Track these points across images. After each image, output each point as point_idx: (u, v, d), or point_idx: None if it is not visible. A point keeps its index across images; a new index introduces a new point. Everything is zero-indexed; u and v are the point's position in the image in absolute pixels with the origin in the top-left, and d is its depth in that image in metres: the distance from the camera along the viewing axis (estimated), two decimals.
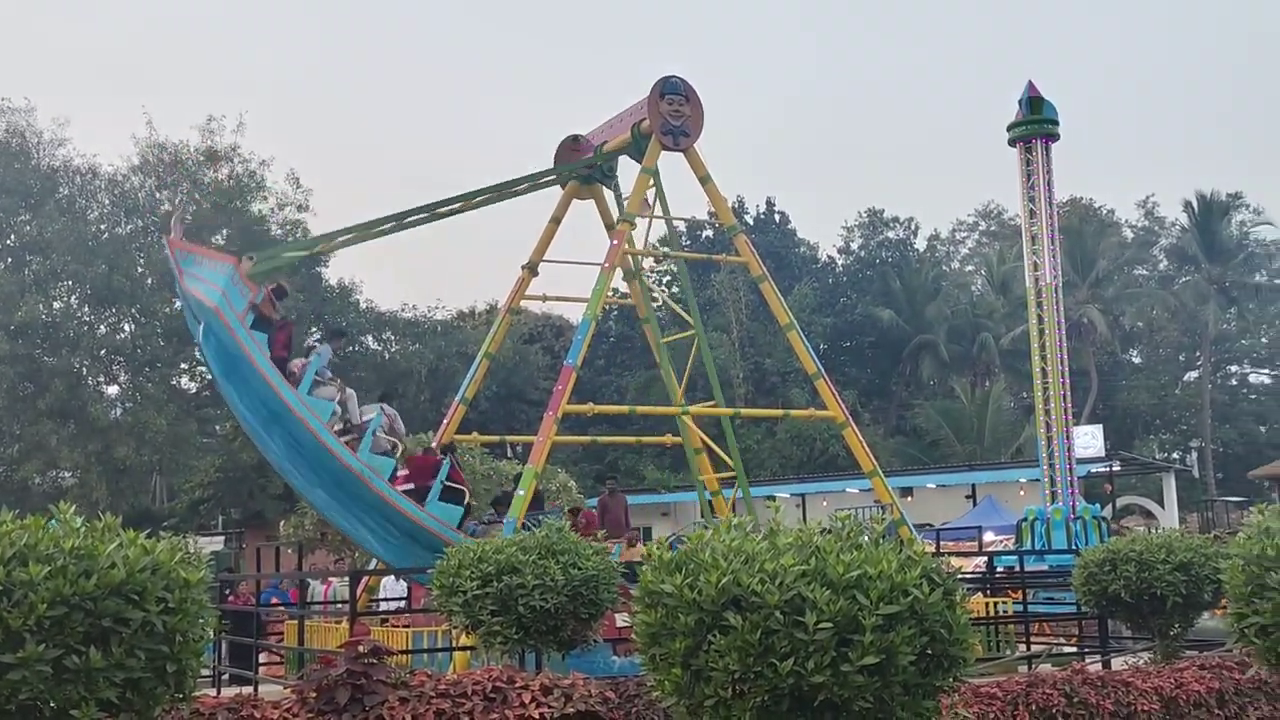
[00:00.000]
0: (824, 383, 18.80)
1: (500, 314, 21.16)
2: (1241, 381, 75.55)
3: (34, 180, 44.11)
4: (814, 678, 4.82)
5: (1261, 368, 75.90)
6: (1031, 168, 24.49)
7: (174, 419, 43.72)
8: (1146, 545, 11.88)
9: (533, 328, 58.33)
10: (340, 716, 7.72)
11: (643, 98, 18.26)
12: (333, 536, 29.49)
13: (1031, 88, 24.61)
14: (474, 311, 62.37)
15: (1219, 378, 72.45)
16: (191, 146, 47.07)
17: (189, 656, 4.71)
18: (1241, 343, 74.04)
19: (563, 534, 10.33)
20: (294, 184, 49.22)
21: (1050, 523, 23.25)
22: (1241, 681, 10.12)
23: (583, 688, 8.59)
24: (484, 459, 29.51)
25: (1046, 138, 24.53)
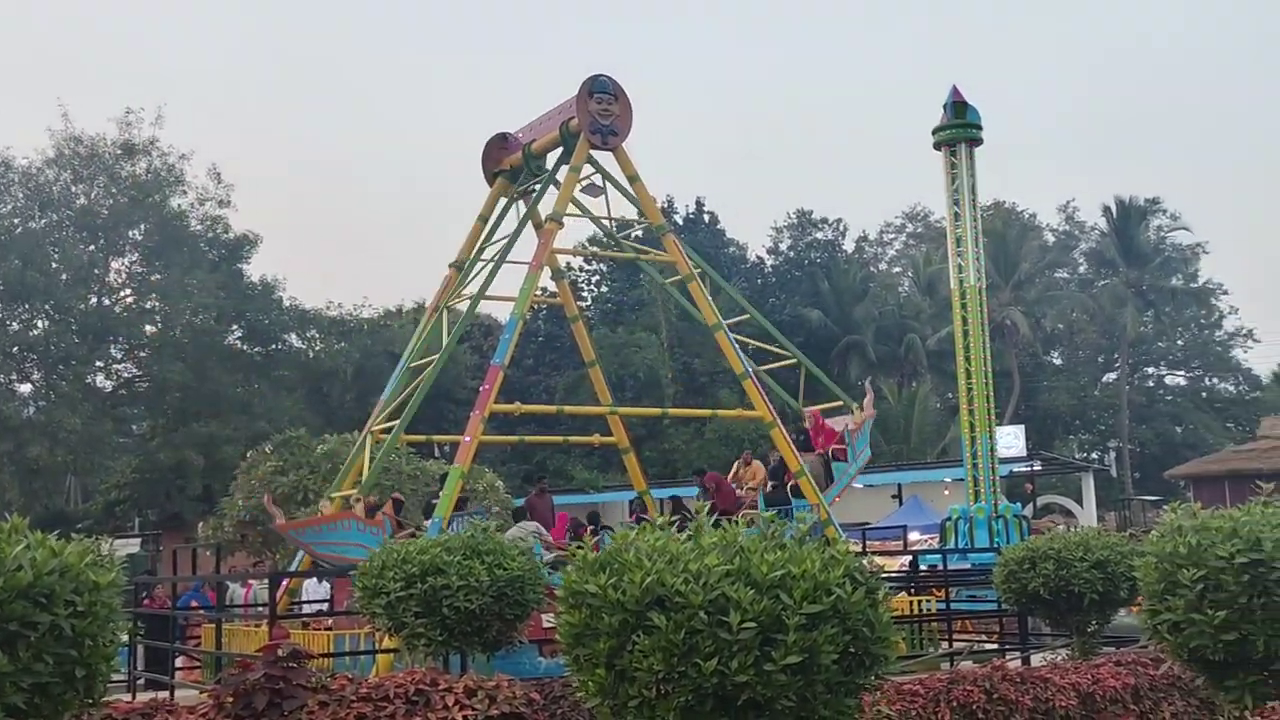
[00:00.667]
0: (752, 383, 18.90)
1: (428, 312, 21.01)
2: (1158, 383, 77.04)
3: None
4: (737, 677, 4.84)
5: (1177, 370, 77.43)
6: (956, 171, 24.80)
7: (89, 418, 42.93)
8: (1065, 544, 12.08)
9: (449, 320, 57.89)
10: None
11: (571, 96, 18.25)
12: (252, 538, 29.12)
13: (955, 92, 24.91)
14: (401, 309, 61.88)
15: (1136, 379, 73.86)
16: (109, 140, 46.26)
17: (99, 661, 4.62)
18: (1158, 345, 75.52)
19: (488, 534, 10.30)
20: (215, 179, 48.53)
21: (973, 522, 23.56)
22: (1156, 677, 10.33)
23: (507, 690, 8.56)
24: (410, 459, 29.30)
25: (970, 141, 24.84)
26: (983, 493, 23.96)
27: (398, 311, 61.31)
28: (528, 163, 19.48)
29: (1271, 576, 5.90)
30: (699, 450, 53.48)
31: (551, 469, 50.16)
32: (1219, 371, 76.98)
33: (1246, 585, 5.96)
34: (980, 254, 25.00)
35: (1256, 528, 6.05)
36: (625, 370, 54.92)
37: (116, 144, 46.16)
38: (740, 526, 5.58)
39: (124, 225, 46.15)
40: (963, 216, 24.67)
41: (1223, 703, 7.46)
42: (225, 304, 46.86)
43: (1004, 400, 56.74)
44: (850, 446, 19.38)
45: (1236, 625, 5.98)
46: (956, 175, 24.78)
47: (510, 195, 20.05)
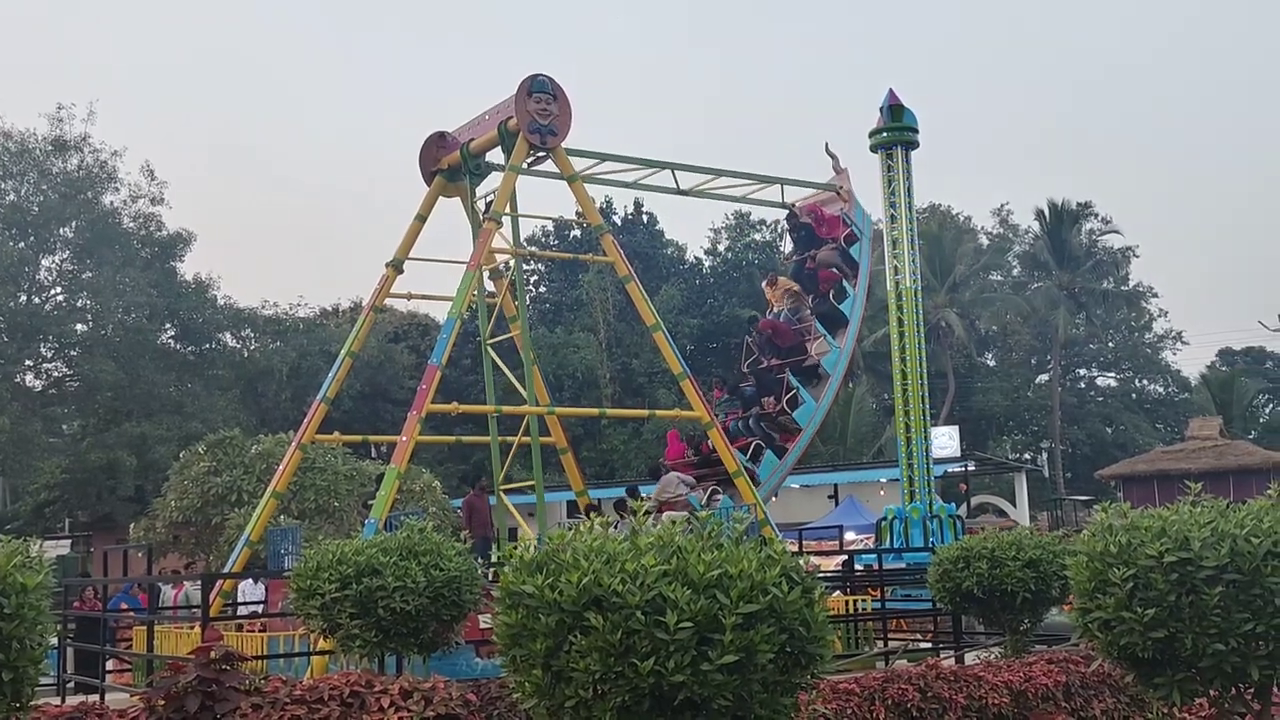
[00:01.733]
0: (689, 383, 18.95)
1: (364, 312, 20.87)
2: (1089, 384, 78.09)
3: None
4: (674, 677, 4.84)
5: (1108, 371, 78.50)
6: (892, 174, 24.97)
7: (17, 418, 42.22)
8: (998, 543, 12.18)
9: (398, 326, 57.61)
10: None
11: (510, 95, 18.17)
12: (185, 539, 28.78)
13: (892, 95, 25.08)
14: (338, 309, 61.40)
15: (1068, 380, 74.81)
16: (39, 135, 45.47)
17: (27, 665, 4.54)
18: (1089, 347, 76.53)
19: (424, 534, 10.23)
20: (148, 176, 47.86)
21: (908, 522, 23.73)
22: (1086, 675, 10.47)
23: (444, 691, 8.51)
24: (346, 459, 29.09)
25: (906, 145, 25.01)
26: (918, 493, 24.15)
27: (334, 310, 60.83)
28: (466, 161, 19.39)
29: (1199, 575, 5.98)
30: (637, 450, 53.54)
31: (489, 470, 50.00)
32: (1149, 373, 78.17)
33: (1175, 584, 6.04)
34: (916, 256, 25.20)
35: (1185, 527, 6.13)
36: (563, 370, 54.86)
37: (47, 140, 45.42)
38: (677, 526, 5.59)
39: (55, 222, 45.39)
40: (899, 219, 24.85)
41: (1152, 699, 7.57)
42: (158, 302, 46.27)
43: (939, 401, 57.32)
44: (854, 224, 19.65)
45: (1165, 623, 6.06)
46: (893, 178, 24.96)
47: (449, 195, 19.97)
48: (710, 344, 66.55)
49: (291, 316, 54.37)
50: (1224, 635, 5.97)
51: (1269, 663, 6.05)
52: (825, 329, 22.23)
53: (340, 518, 26.82)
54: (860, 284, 19.50)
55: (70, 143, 45.71)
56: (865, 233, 20.18)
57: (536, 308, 63.00)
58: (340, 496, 27.63)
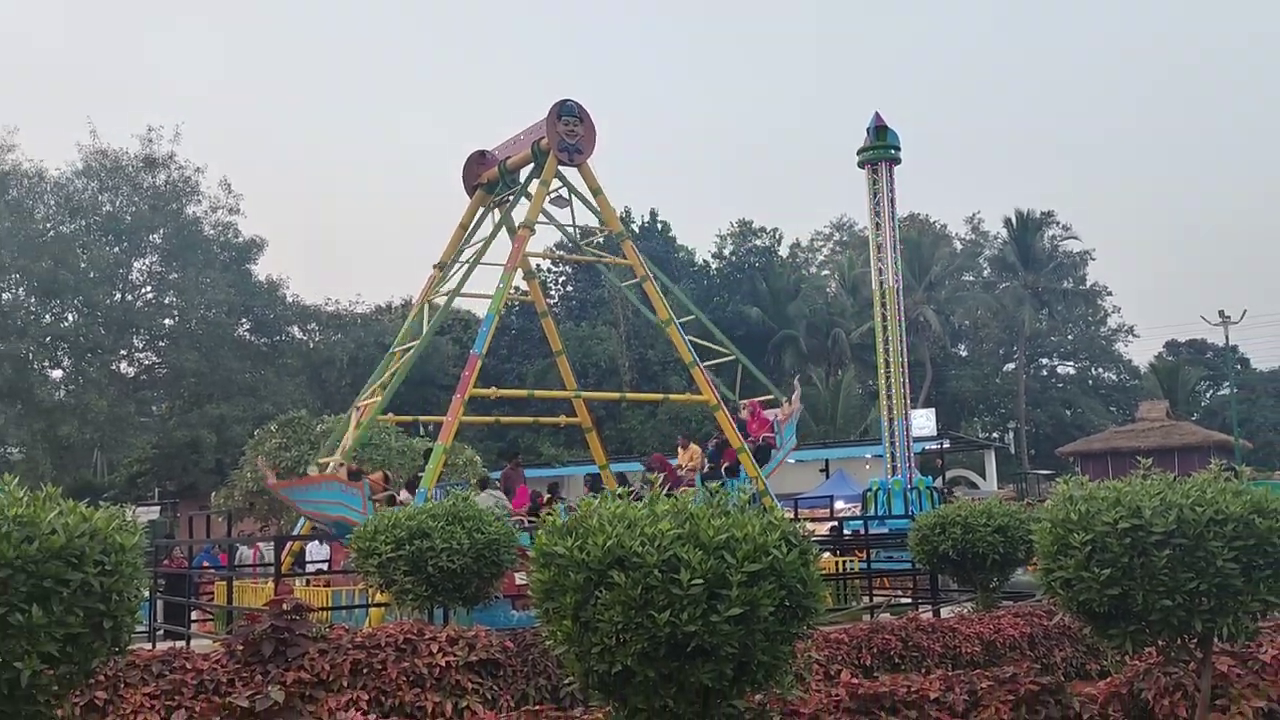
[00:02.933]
0: (699, 371, 18.93)
1: (414, 308, 20.89)
2: (1051, 373, 77.85)
3: None
4: (687, 627, 4.85)
5: (1068, 360, 78.31)
6: (877, 187, 24.92)
7: (114, 401, 42.46)
8: (970, 511, 12.16)
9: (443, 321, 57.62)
10: (265, 667, 7.57)
11: (542, 118, 18.17)
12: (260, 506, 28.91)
13: (878, 118, 25.02)
14: (390, 305, 61.42)
15: (1032, 369, 74.57)
16: (132, 154, 45.66)
17: (124, 614, 4.57)
18: (1051, 339, 76.28)
19: (468, 502, 10.27)
20: (226, 189, 48.02)
21: (891, 492, 23.72)
22: (1049, 627, 10.45)
23: (485, 638, 8.55)
24: (399, 437, 29.19)
25: (890, 161, 24.97)
26: (899, 467, 24.14)
27: (387, 307, 60.90)
28: (503, 176, 19.39)
29: (1150, 540, 5.96)
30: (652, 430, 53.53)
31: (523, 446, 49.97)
32: (1103, 362, 78.03)
33: (1128, 547, 6.02)
34: (898, 259, 25.16)
35: (1137, 497, 6.11)
36: (588, 360, 54.86)
37: (139, 158, 45.59)
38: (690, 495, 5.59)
39: (145, 230, 45.58)
40: (883, 226, 24.81)
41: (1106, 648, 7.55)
42: (235, 300, 46.44)
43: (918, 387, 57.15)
44: (779, 435, 19.49)
45: (1119, 582, 6.05)
46: (878, 190, 24.91)
47: (488, 205, 19.97)
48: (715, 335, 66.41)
49: (350, 312, 54.51)
50: (1171, 592, 5.96)
51: (1210, 616, 6.04)
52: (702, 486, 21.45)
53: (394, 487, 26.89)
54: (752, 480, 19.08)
55: (159, 160, 45.86)
56: (784, 448, 19.72)
57: (564, 305, 62.99)
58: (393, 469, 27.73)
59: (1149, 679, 6.85)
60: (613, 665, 5.00)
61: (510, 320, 56.89)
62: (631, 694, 5.12)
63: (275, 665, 7.56)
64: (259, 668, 7.56)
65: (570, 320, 58.98)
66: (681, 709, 5.10)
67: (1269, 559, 6.00)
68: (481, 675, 8.24)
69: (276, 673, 7.46)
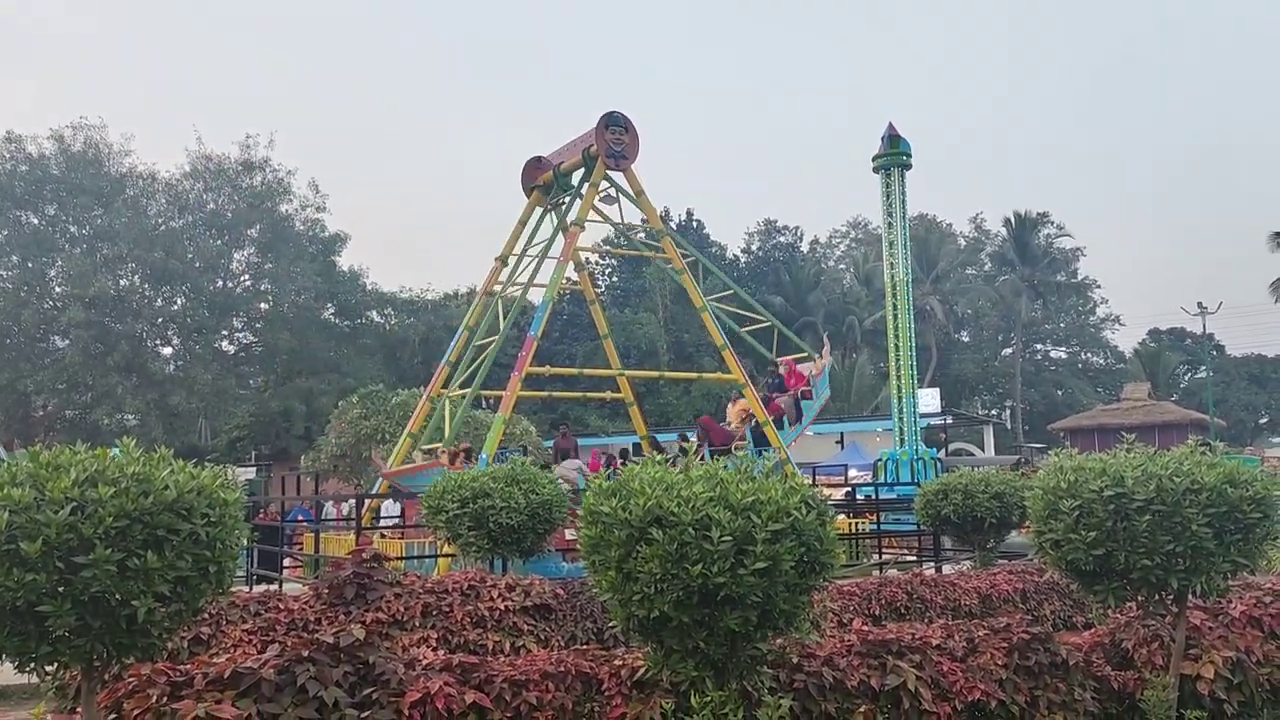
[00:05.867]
0: (729, 352, 18.90)
1: (478, 296, 21.02)
2: (1045, 357, 77.04)
3: (105, 183, 43.06)
4: (717, 579, 4.86)
5: (1060, 346, 77.51)
6: (890, 190, 24.68)
7: (217, 375, 43.09)
8: (970, 479, 12.07)
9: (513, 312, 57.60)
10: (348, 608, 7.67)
11: (591, 128, 18.15)
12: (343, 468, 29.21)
13: (891, 128, 24.75)
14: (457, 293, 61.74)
15: (1028, 353, 73.80)
16: (232, 158, 46.15)
17: (227, 560, 4.64)
18: (1045, 327, 75.47)
19: (524, 467, 10.32)
20: (314, 190, 48.43)
21: (899, 462, 23.58)
22: (1040, 583, 10.36)
23: (538, 586, 8.61)
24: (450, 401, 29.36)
25: (902, 167, 24.72)
26: (906, 440, 23.98)
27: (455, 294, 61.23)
28: (557, 179, 19.41)
29: (1132, 506, 5.90)
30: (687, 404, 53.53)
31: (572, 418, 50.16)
32: (1092, 348, 77.19)
33: (1112, 512, 5.96)
34: (908, 255, 24.92)
35: (1121, 468, 6.05)
36: (630, 342, 54.82)
37: (238, 162, 46.05)
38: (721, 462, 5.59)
39: (243, 225, 46.08)
40: (895, 225, 24.57)
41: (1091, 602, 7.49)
42: (321, 287, 46.88)
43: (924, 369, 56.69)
44: (814, 387, 19.43)
45: (1103, 543, 5.99)
46: (890, 193, 24.67)
47: (544, 205, 20.00)
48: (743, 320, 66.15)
49: (422, 299, 54.83)
50: (1150, 553, 5.90)
51: (1185, 575, 5.97)
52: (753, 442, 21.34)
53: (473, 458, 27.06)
54: (796, 430, 19.01)
55: (255, 164, 46.29)
56: (819, 397, 19.61)
57: (610, 293, 62.98)
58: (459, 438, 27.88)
59: (1129, 630, 6.79)
60: (651, 611, 5.02)
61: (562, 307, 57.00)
62: (667, 636, 5.14)
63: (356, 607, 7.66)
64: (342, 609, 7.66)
65: (615, 307, 58.96)
66: (711, 650, 5.12)
67: (1239, 524, 5.93)
68: (535, 618, 8.30)
69: (358, 613, 7.56)
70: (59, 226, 43.65)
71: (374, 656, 4.90)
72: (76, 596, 4.14)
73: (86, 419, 41.39)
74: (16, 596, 4.08)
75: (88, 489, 4.21)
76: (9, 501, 4.12)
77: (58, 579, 4.11)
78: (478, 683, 5.06)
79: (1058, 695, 6.05)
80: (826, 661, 5.65)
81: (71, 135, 43.13)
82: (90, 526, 4.13)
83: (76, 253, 42.19)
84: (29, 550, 4.03)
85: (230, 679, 4.58)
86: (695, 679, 5.21)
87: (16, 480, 4.25)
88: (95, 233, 43.02)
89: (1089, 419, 51.26)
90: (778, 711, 5.17)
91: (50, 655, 4.31)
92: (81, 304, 39.33)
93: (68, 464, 4.34)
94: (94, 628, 4.22)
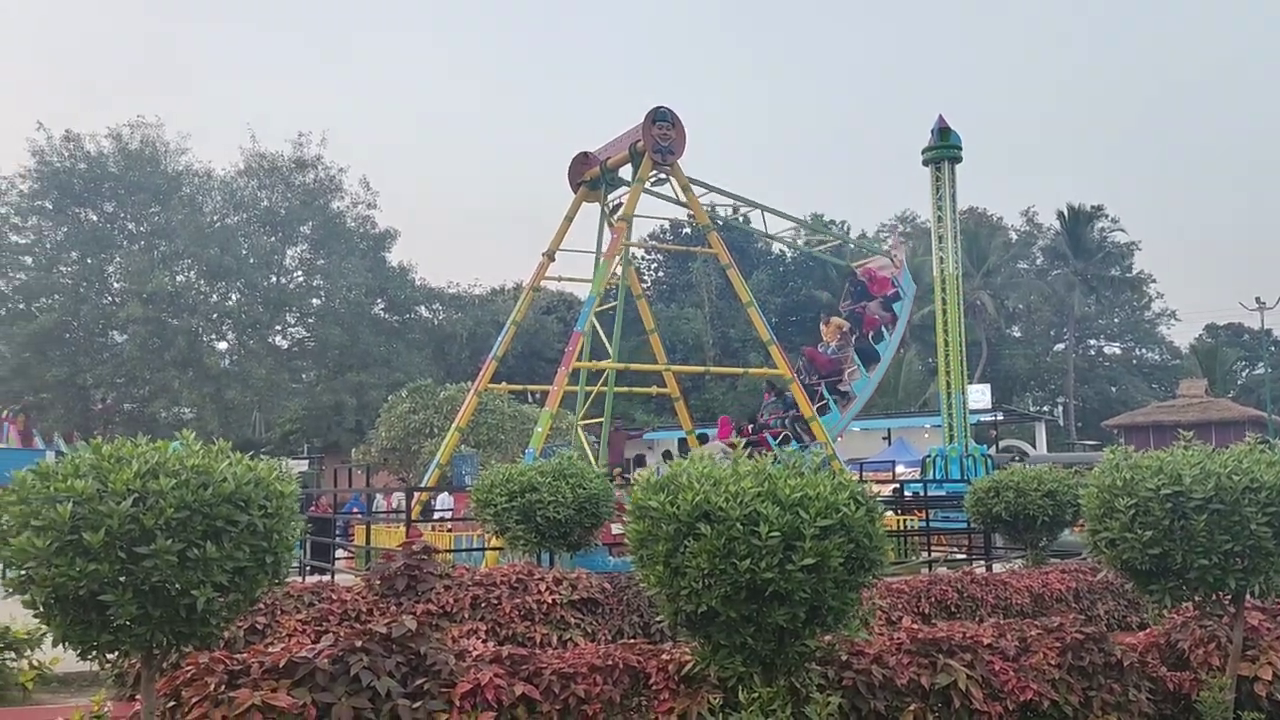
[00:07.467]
0: (775, 348, 18.81)
1: (525, 291, 21.13)
2: (1098, 352, 75.70)
3: (162, 181, 43.92)
4: (765, 574, 4.84)
5: (1114, 341, 76.13)
6: (940, 183, 24.38)
7: (270, 369, 43.75)
8: (1023, 477, 11.91)
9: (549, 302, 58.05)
10: (399, 599, 7.76)
11: (639, 123, 18.15)
12: (392, 461, 29.53)
13: (941, 120, 24.45)
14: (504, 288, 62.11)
15: (1081, 349, 72.55)
16: (285, 156, 46.83)
17: (283, 551, 4.71)
18: (1099, 322, 74.14)
19: (572, 462, 10.37)
20: (365, 187, 49.04)
21: (948, 459, 23.32)
22: (1093, 582, 10.21)
23: (585, 580, 8.65)
24: (511, 403, 29.55)
25: (952, 160, 24.41)
26: (956, 436, 23.70)
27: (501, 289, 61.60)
28: (604, 174, 19.43)
29: (1189, 504, 5.79)
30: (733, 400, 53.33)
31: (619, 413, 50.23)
32: (1147, 344, 75.74)
33: (1169, 511, 5.85)
34: (958, 248, 24.62)
35: (1178, 466, 5.94)
36: (676, 337, 54.77)
37: (291, 160, 46.71)
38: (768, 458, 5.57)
39: (296, 222, 46.75)
40: (944, 219, 24.28)
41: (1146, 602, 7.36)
42: (372, 283, 47.38)
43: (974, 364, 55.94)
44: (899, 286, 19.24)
45: (1160, 542, 5.89)
46: (940, 186, 24.37)
47: (591, 201, 20.04)
48: (791, 318, 65.81)
49: (469, 294, 55.23)
50: (1208, 552, 5.78)
51: (1243, 575, 5.85)
52: (861, 362, 21.38)
53: (506, 448, 27.31)
54: (896, 332, 18.85)
55: (308, 162, 46.93)
56: (907, 294, 19.46)
57: (655, 288, 62.94)
58: (506, 431, 28.10)
59: (1185, 631, 6.67)
60: (699, 606, 5.02)
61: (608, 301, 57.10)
62: (715, 632, 5.14)
63: (407, 598, 7.76)
64: (393, 600, 7.76)
65: (661, 302, 58.90)
66: (759, 646, 5.10)
67: None
68: (582, 612, 8.33)
69: (408, 605, 7.66)
70: (117, 224, 44.62)
71: (425, 647, 4.96)
72: (138, 586, 4.22)
73: (144, 412, 42.24)
74: (80, 586, 4.17)
75: (149, 481, 4.30)
76: (73, 493, 4.22)
77: (120, 569, 4.19)
78: (527, 675, 5.10)
79: (1112, 696, 5.95)
80: (876, 659, 5.61)
81: (129, 133, 44.05)
82: (151, 517, 4.21)
83: (134, 249, 43.07)
84: (92, 541, 4.13)
85: (286, 668, 4.66)
86: (743, 674, 5.20)
87: (80, 472, 4.34)
88: (153, 230, 43.90)
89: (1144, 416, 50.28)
90: (826, 708, 5.15)
91: (112, 643, 4.40)
92: (139, 300, 40.13)
93: (129, 456, 4.43)
94: (154, 617, 4.31)
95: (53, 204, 42.70)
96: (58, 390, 41.57)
